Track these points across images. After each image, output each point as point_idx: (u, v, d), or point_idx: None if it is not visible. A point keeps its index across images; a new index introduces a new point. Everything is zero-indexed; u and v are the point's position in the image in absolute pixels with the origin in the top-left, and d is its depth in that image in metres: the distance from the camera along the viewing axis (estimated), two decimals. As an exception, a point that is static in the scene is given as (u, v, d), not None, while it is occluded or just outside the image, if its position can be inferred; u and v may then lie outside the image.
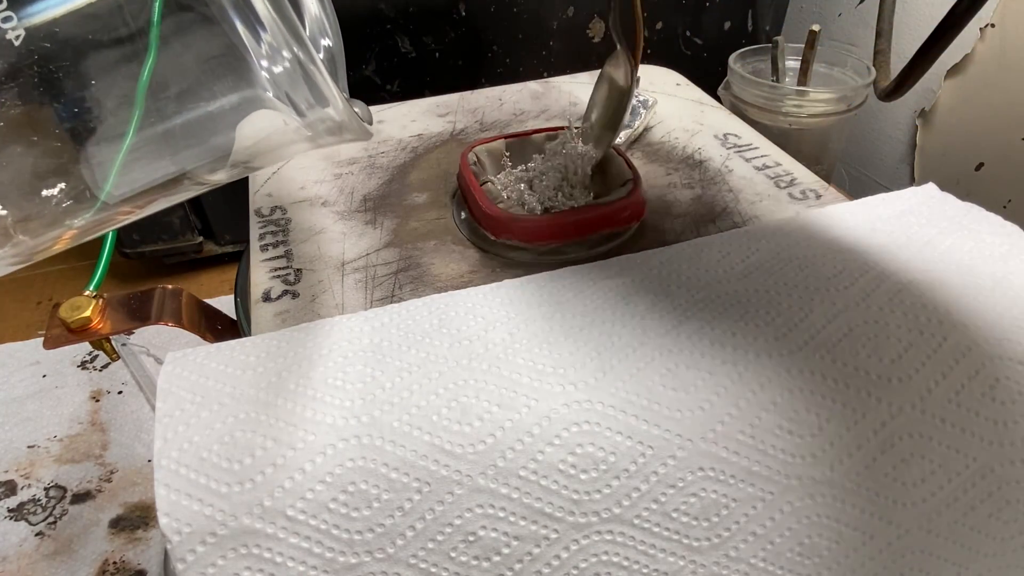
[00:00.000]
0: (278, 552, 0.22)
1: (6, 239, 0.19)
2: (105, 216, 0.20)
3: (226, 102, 0.20)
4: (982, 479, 0.26)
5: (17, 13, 0.17)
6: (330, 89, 0.19)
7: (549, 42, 0.81)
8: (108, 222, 0.21)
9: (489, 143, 0.40)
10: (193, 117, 0.20)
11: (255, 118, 0.20)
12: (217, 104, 0.20)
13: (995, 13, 0.67)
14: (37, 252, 0.20)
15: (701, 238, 0.33)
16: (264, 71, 0.19)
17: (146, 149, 0.19)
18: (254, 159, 0.22)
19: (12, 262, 0.19)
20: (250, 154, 0.22)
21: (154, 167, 0.20)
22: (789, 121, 0.65)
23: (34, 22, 0.17)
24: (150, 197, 0.21)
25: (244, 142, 0.21)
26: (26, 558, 0.58)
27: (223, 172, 0.22)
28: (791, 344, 0.26)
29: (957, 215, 0.33)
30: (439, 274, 0.34)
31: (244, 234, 0.39)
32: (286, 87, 0.19)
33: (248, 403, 0.24)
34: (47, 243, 0.20)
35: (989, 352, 0.26)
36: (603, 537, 0.24)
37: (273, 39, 0.18)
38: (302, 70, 0.18)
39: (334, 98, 0.19)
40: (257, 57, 0.18)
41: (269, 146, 0.22)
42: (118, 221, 0.21)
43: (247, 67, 0.19)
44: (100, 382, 0.74)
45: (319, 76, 0.18)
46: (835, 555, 0.25)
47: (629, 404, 0.24)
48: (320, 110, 0.19)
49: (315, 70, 0.18)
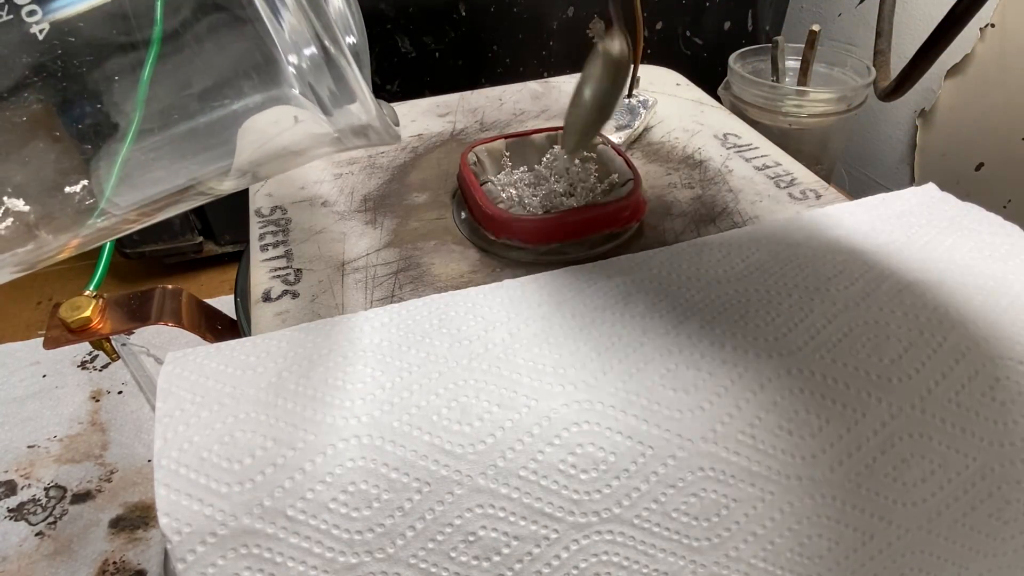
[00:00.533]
0: (278, 552, 0.22)
1: (29, 237, 0.18)
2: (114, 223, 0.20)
3: (251, 101, 0.19)
4: (982, 479, 0.26)
5: (42, 7, 0.17)
6: (359, 85, 0.18)
7: (549, 42, 0.81)
8: (116, 229, 0.21)
9: (489, 143, 0.40)
10: (217, 116, 0.19)
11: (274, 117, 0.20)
12: (242, 103, 0.19)
13: (995, 13, 0.67)
14: (42, 259, 0.20)
15: (701, 238, 0.33)
16: (292, 67, 0.18)
17: (167, 149, 0.19)
18: (273, 164, 0.22)
19: (18, 269, 0.19)
20: (271, 158, 0.21)
21: (174, 169, 0.20)
22: (789, 121, 0.65)
23: (59, 16, 0.17)
24: (160, 204, 0.21)
25: (263, 144, 0.21)
26: (26, 558, 0.58)
27: (236, 179, 0.21)
28: (791, 344, 0.26)
29: (957, 215, 0.33)
30: (439, 274, 0.34)
31: (244, 234, 0.39)
32: (314, 83, 0.18)
33: (248, 403, 0.24)
34: (56, 249, 0.20)
35: (989, 352, 0.26)
36: (603, 537, 0.24)
37: (303, 32, 0.17)
38: (332, 65, 0.18)
39: (363, 95, 0.19)
40: (285, 52, 0.18)
41: (294, 149, 0.21)
42: (123, 230, 0.21)
43: (275, 63, 0.18)
44: (100, 382, 0.74)
45: (349, 72, 0.18)
46: (835, 555, 0.25)
47: (629, 404, 0.24)
48: (347, 108, 0.19)
49: (345, 65, 0.18)
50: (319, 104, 0.19)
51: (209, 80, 0.19)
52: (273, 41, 0.18)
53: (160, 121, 0.19)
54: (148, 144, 0.19)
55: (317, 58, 0.18)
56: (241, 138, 0.20)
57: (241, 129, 0.20)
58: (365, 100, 0.19)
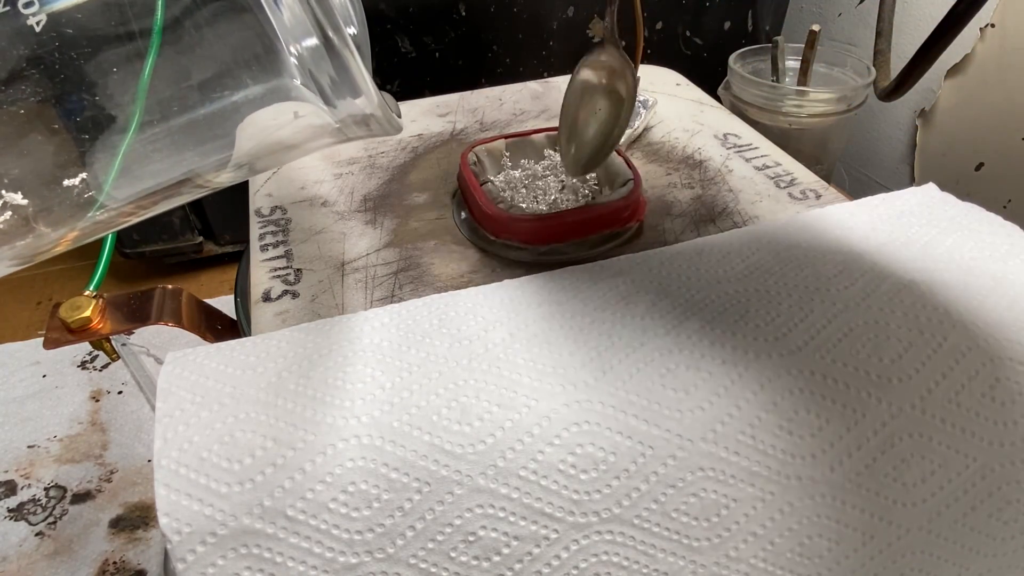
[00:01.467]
0: (278, 552, 0.22)
1: (28, 230, 0.18)
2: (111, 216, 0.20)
3: (252, 92, 0.19)
4: (982, 479, 0.26)
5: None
6: (362, 74, 0.18)
7: (549, 42, 0.81)
8: (112, 223, 0.21)
9: (489, 143, 0.40)
10: (217, 108, 0.19)
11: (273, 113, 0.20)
12: (242, 94, 0.19)
13: (995, 13, 0.67)
14: (40, 252, 0.20)
15: (701, 238, 0.33)
16: (294, 56, 0.18)
17: (166, 141, 0.19)
18: (273, 156, 0.22)
19: (15, 263, 0.19)
20: (271, 150, 0.21)
21: (172, 161, 0.20)
22: (789, 121, 0.65)
23: (56, 8, 0.17)
24: (158, 196, 0.21)
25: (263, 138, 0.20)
26: (26, 558, 0.58)
27: (233, 171, 0.21)
28: (791, 344, 0.26)
29: (957, 215, 0.33)
30: (439, 274, 0.34)
31: (244, 234, 0.39)
32: (316, 72, 0.18)
33: (248, 403, 0.24)
34: (53, 242, 0.20)
35: (989, 352, 0.26)
36: (603, 537, 0.24)
37: (304, 19, 0.17)
38: (334, 54, 0.17)
39: (366, 85, 0.18)
40: (286, 41, 0.18)
41: (294, 141, 0.21)
42: (119, 223, 0.21)
43: (276, 53, 0.18)
44: (100, 382, 0.74)
45: (351, 60, 0.18)
46: (835, 555, 0.25)
47: (629, 404, 0.24)
48: (350, 99, 0.19)
49: (347, 54, 0.17)
50: (320, 94, 0.19)
51: (209, 71, 0.19)
52: (274, 29, 0.18)
53: (160, 113, 0.19)
54: (147, 136, 0.19)
55: (319, 46, 0.18)
56: (241, 132, 0.20)
57: (241, 124, 0.20)
58: (367, 89, 0.19)
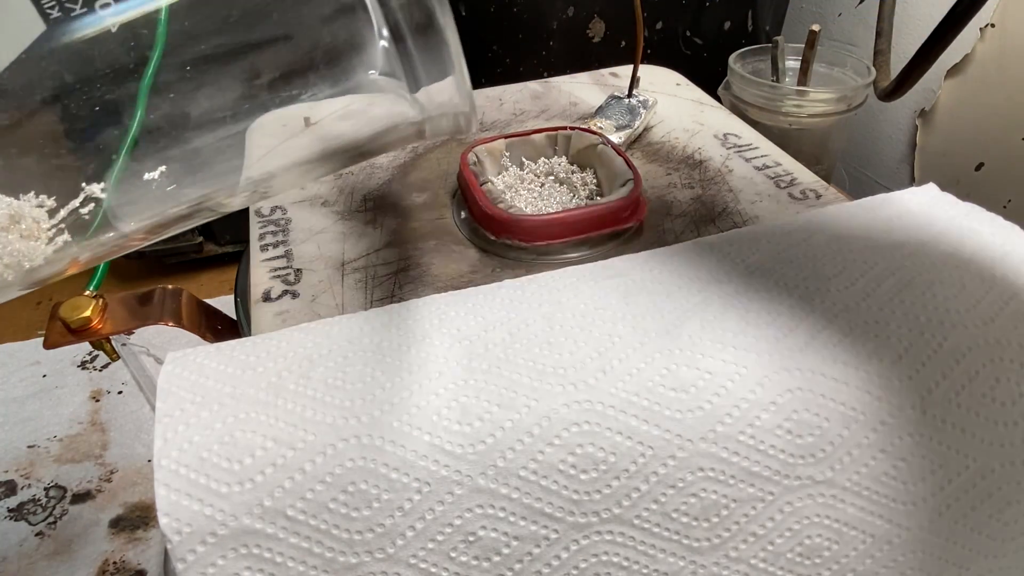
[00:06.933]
0: (278, 552, 0.22)
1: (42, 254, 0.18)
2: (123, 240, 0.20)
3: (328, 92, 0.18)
4: (982, 480, 0.26)
5: None
6: (457, 53, 0.17)
7: (549, 42, 0.81)
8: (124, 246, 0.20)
9: (489, 143, 0.40)
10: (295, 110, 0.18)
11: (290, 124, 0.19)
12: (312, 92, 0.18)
13: (995, 13, 0.67)
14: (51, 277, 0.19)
15: (701, 238, 0.33)
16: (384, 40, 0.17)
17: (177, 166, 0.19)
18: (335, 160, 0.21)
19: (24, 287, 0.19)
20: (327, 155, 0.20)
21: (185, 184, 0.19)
22: (789, 121, 0.65)
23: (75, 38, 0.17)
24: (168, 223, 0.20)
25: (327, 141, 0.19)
26: (26, 558, 0.58)
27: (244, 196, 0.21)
28: (791, 344, 0.26)
29: (957, 215, 0.33)
30: (439, 274, 0.34)
31: (244, 234, 0.39)
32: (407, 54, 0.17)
33: (248, 403, 0.24)
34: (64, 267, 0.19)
35: (989, 353, 0.26)
36: (603, 537, 0.24)
37: None
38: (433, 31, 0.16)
39: (458, 64, 0.17)
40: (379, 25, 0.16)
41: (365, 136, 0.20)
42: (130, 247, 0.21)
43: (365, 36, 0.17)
44: (100, 382, 0.74)
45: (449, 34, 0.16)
46: (835, 556, 0.25)
47: (629, 404, 0.24)
48: (438, 84, 0.17)
49: (445, 25, 0.16)
50: (408, 78, 0.17)
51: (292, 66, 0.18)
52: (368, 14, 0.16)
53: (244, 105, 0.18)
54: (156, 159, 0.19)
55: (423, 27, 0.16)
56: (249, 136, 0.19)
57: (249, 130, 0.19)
58: (460, 74, 0.17)
